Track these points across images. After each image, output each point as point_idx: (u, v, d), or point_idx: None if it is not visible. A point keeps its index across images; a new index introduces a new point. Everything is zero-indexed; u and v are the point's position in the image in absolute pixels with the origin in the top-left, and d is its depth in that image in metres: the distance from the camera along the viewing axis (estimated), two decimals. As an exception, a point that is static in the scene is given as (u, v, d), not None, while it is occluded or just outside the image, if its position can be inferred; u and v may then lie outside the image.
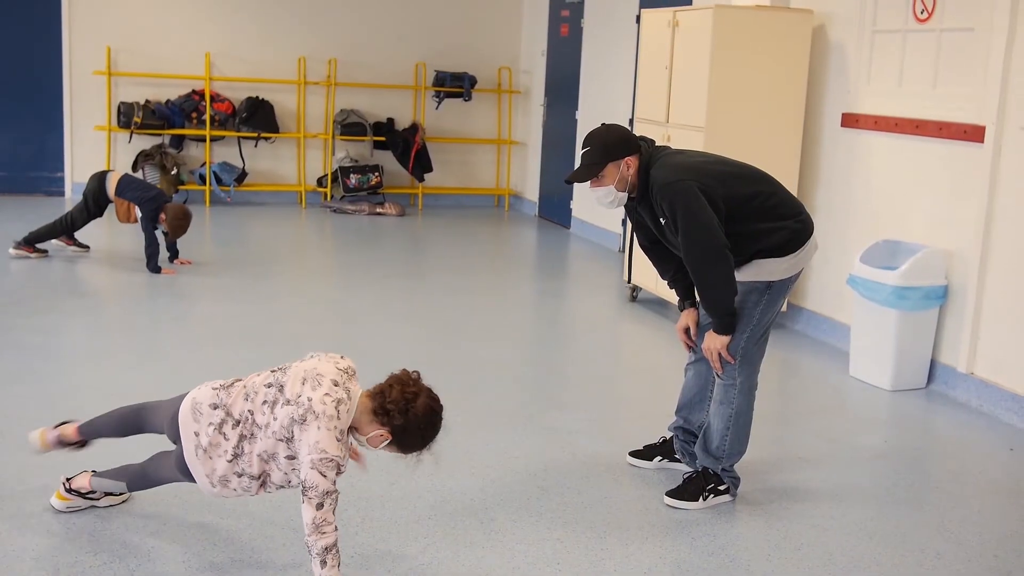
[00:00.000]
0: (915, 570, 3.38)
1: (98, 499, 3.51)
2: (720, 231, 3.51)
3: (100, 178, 7.45)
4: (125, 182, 7.39)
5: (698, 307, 3.89)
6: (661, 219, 3.63)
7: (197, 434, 3.09)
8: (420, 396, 2.97)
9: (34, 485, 3.69)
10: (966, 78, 5.24)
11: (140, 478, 3.41)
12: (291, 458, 2.99)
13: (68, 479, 3.51)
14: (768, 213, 3.62)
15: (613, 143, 3.63)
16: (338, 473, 2.92)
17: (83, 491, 3.48)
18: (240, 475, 3.06)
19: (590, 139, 3.67)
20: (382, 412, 2.96)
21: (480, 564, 3.27)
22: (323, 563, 2.88)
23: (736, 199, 3.58)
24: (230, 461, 3.05)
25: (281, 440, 2.98)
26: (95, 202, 7.46)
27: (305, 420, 2.91)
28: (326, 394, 2.94)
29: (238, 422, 3.05)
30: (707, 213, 3.50)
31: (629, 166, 3.63)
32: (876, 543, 3.58)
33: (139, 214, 7.24)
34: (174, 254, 7.53)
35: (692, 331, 3.93)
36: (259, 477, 3.06)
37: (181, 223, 7.18)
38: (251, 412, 3.05)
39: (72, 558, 3.18)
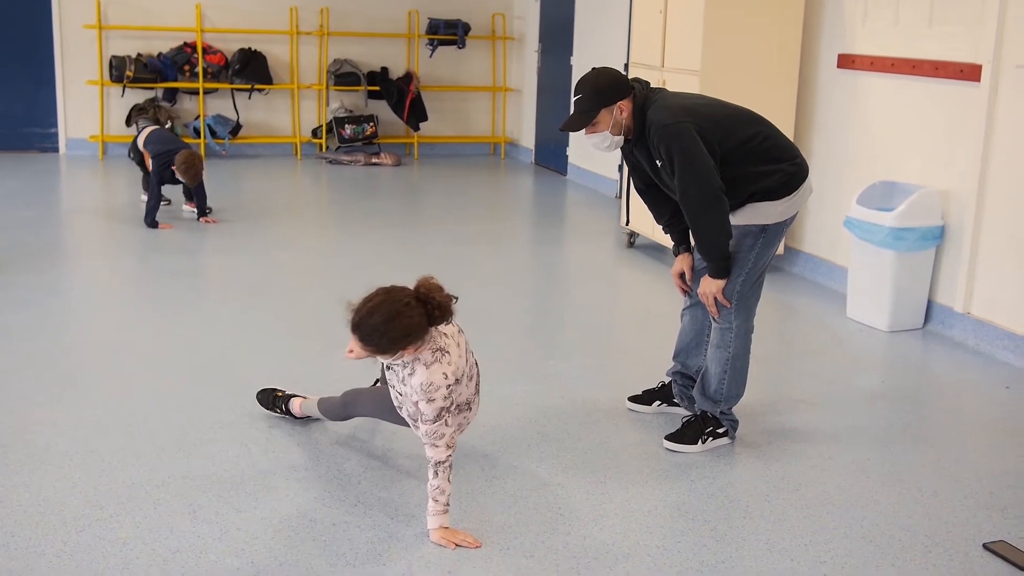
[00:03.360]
0: (912, 508, 3.42)
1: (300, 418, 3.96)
2: (716, 174, 3.51)
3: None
4: (154, 136, 7.45)
5: (692, 252, 3.90)
6: (657, 161, 3.62)
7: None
8: (377, 299, 3.00)
9: (37, 441, 3.72)
10: (962, 16, 5.20)
11: (338, 409, 3.75)
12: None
13: (287, 399, 3.94)
14: (763, 156, 3.62)
15: (604, 88, 3.60)
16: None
17: (294, 414, 3.93)
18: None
19: (581, 85, 3.64)
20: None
21: (482, 511, 3.31)
22: (435, 474, 3.08)
23: (731, 141, 3.57)
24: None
25: None
26: (139, 160, 7.59)
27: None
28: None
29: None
30: (703, 156, 3.50)
31: (623, 110, 3.61)
32: (873, 482, 3.61)
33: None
34: (201, 212, 7.50)
35: (687, 276, 3.93)
36: None
37: (188, 166, 7.11)
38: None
39: (78, 511, 3.22)
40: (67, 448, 3.67)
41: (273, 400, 3.97)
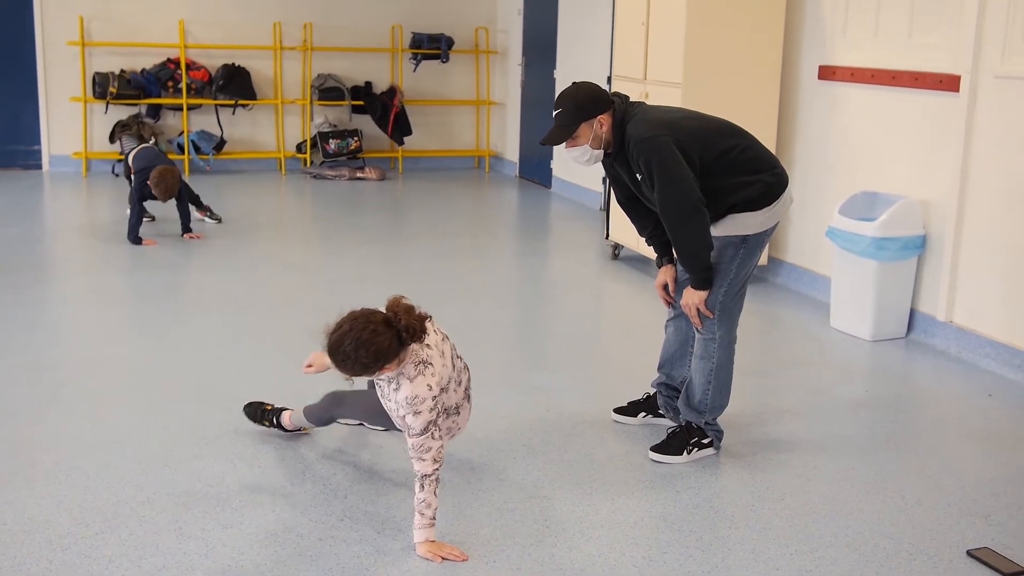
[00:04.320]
0: (896, 516, 3.44)
1: (292, 431, 3.96)
2: (695, 186, 3.53)
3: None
4: (142, 153, 7.46)
5: (675, 263, 3.92)
6: (637, 175, 3.64)
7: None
8: (347, 324, 3.05)
9: (21, 458, 3.71)
10: (941, 27, 5.25)
11: (321, 412, 3.78)
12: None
13: (277, 412, 3.94)
14: (742, 167, 3.64)
15: (584, 102, 3.63)
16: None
17: (285, 427, 3.92)
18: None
19: (561, 99, 3.67)
20: None
21: (468, 524, 3.32)
22: (421, 487, 3.10)
23: (711, 153, 3.60)
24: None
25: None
26: (127, 176, 7.59)
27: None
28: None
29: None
30: (682, 168, 3.52)
31: (602, 124, 3.63)
32: (858, 491, 3.63)
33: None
34: (185, 228, 7.45)
35: (670, 287, 3.95)
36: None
37: (159, 181, 7.05)
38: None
39: (63, 529, 3.21)
40: (52, 465, 3.66)
41: (261, 413, 3.97)
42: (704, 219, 3.56)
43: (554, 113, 3.68)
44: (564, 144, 3.69)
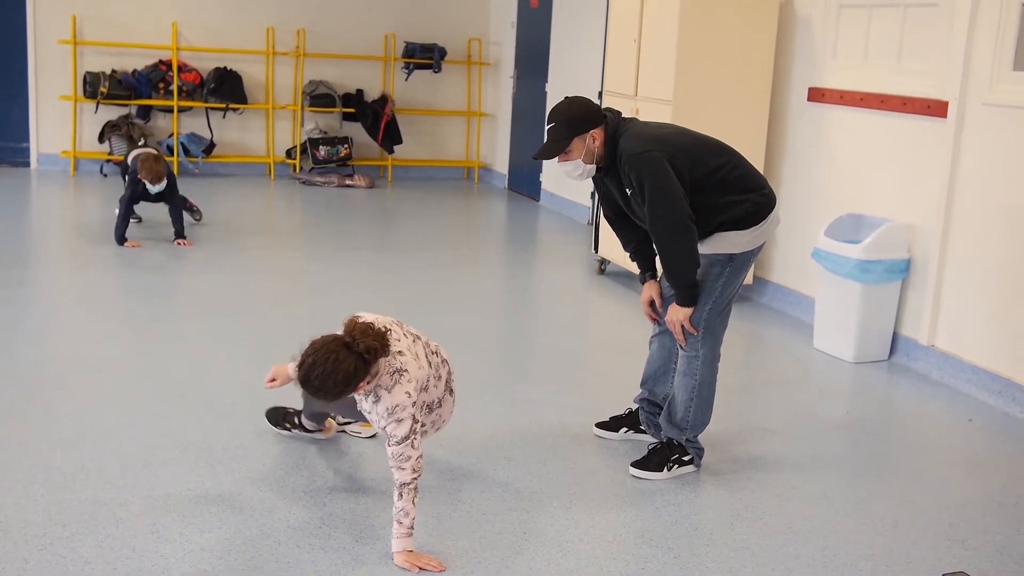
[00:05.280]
0: (873, 538, 3.46)
1: (313, 432, 4.00)
2: (685, 203, 3.55)
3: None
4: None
5: (659, 279, 3.93)
6: (628, 190, 3.65)
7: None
8: (310, 357, 3.04)
9: None
10: (930, 53, 5.29)
11: (311, 411, 3.87)
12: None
13: (299, 415, 3.97)
14: (731, 186, 3.66)
15: (577, 117, 3.65)
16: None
17: (306, 428, 3.98)
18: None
19: (554, 114, 3.68)
20: None
21: (447, 534, 3.31)
22: (400, 495, 3.10)
23: (701, 170, 3.61)
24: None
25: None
26: (124, 176, 7.58)
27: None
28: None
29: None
30: (673, 184, 3.54)
31: (595, 139, 3.65)
32: (836, 512, 3.64)
33: None
34: (178, 233, 7.35)
35: (656, 303, 3.96)
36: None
37: (144, 161, 7.01)
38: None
39: (40, 529, 3.19)
40: (30, 465, 3.64)
41: (284, 415, 4.04)
42: (692, 236, 3.58)
43: (547, 127, 3.69)
44: (557, 158, 3.70)
